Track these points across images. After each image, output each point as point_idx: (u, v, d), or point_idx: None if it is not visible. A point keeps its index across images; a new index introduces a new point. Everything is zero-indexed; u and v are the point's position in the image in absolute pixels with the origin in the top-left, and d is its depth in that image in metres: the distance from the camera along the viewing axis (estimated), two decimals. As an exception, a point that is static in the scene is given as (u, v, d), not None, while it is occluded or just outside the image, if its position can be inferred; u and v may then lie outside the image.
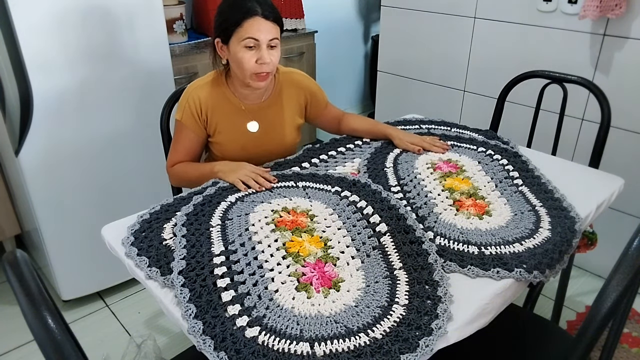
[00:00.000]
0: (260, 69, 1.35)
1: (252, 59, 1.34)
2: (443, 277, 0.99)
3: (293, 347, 0.84)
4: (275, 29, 1.36)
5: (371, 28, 3.92)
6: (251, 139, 1.50)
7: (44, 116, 1.76)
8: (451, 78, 2.52)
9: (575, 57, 2.04)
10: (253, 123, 1.50)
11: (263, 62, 1.34)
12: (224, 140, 1.49)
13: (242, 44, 1.34)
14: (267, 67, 1.36)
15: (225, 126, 1.48)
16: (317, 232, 1.13)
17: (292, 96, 1.55)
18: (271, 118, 1.52)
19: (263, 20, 1.32)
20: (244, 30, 1.32)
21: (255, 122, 1.50)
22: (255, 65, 1.35)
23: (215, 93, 1.46)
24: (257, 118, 1.50)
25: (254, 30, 1.32)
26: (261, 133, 1.51)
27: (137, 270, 1.06)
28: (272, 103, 1.51)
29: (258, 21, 1.32)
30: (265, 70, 1.36)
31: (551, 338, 1.26)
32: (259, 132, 1.50)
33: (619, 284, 0.76)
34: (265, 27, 1.33)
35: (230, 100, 1.47)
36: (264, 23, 1.33)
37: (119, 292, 2.18)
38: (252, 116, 1.49)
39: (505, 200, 1.29)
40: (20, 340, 1.91)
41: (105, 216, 1.36)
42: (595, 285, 2.19)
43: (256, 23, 1.32)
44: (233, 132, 1.48)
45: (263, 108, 1.50)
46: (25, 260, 0.72)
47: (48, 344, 0.64)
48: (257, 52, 1.34)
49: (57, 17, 1.70)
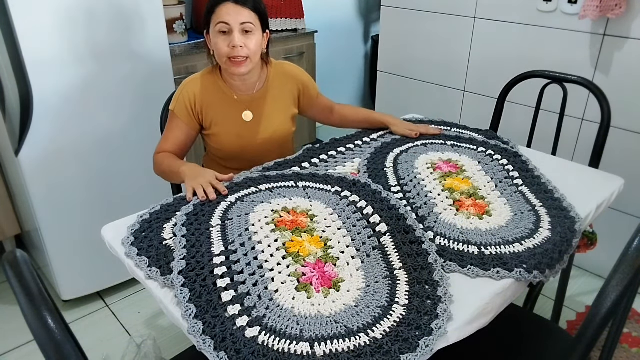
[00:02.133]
0: (232, 53, 1.38)
1: (225, 44, 1.38)
2: (443, 277, 0.99)
3: (293, 347, 0.84)
4: (249, 13, 1.39)
5: (371, 28, 3.92)
6: (246, 129, 1.53)
7: (44, 116, 1.76)
8: (451, 78, 2.52)
9: (575, 57, 2.04)
10: (247, 113, 1.52)
11: (234, 45, 1.37)
12: (220, 132, 1.52)
13: (216, 30, 1.39)
14: (241, 51, 1.38)
15: (221, 117, 1.50)
16: (317, 232, 1.13)
17: (285, 86, 1.58)
18: (265, 108, 1.55)
19: (233, 5, 1.37)
20: (216, 15, 1.38)
21: (249, 112, 1.52)
22: (227, 50, 1.38)
23: (210, 85, 1.50)
24: (251, 108, 1.53)
25: (224, 14, 1.37)
26: (255, 122, 1.54)
27: (137, 270, 1.06)
28: (265, 93, 1.54)
29: (227, 6, 1.37)
30: (239, 54, 1.38)
31: (551, 338, 1.26)
32: (253, 121, 1.53)
33: (619, 284, 0.76)
34: (235, 11, 1.37)
35: (224, 92, 1.50)
36: (234, 7, 1.37)
37: (119, 292, 2.18)
38: (246, 106, 1.52)
39: (505, 200, 1.29)
40: (20, 340, 1.91)
41: (105, 216, 1.36)
42: (595, 285, 2.19)
43: (225, 8, 1.37)
44: (228, 123, 1.51)
45: (256, 99, 1.53)
46: (25, 260, 0.72)
47: (48, 344, 0.64)
48: (230, 37, 1.38)
49: (57, 17, 1.70)
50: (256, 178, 1.37)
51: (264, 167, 1.46)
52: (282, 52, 2.86)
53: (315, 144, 1.60)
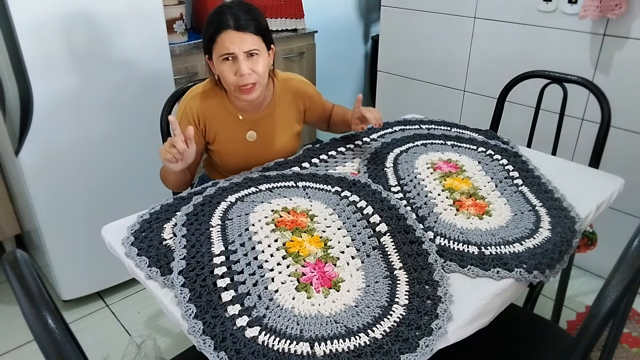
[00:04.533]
0: (241, 81, 1.32)
1: (231, 72, 1.32)
2: (443, 277, 0.99)
3: (293, 347, 0.84)
4: (253, 38, 1.31)
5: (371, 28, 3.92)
6: (250, 148, 1.50)
7: (44, 116, 1.76)
8: (451, 78, 2.52)
9: (575, 57, 2.04)
10: (251, 133, 1.49)
11: (241, 74, 1.31)
12: (223, 149, 1.49)
13: (220, 59, 1.32)
14: (249, 78, 1.32)
15: (224, 135, 1.47)
16: (317, 232, 1.13)
17: (291, 103, 1.54)
18: (270, 128, 1.51)
19: (235, 33, 1.29)
20: (218, 45, 1.31)
21: (254, 132, 1.49)
22: (235, 78, 1.32)
23: (214, 103, 1.45)
24: (256, 128, 1.49)
25: (227, 44, 1.30)
26: (260, 142, 1.50)
27: (137, 270, 1.06)
28: (270, 112, 1.50)
29: (229, 35, 1.30)
30: (247, 81, 1.32)
31: (551, 338, 1.26)
32: (257, 141, 1.50)
33: (619, 284, 0.76)
34: (238, 39, 1.30)
35: (229, 110, 1.46)
36: (236, 35, 1.30)
37: (119, 292, 2.18)
38: (250, 126, 1.49)
39: (505, 200, 1.29)
40: (20, 340, 1.91)
41: (105, 216, 1.36)
42: (595, 285, 2.19)
43: (227, 37, 1.30)
44: (232, 142, 1.48)
45: (261, 118, 1.49)
46: (25, 260, 0.72)
47: (48, 344, 0.64)
48: (235, 64, 1.32)
49: (57, 17, 1.70)
50: (256, 178, 1.37)
51: (264, 167, 1.46)
52: (282, 52, 2.86)
53: (315, 144, 1.60)
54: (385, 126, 1.74)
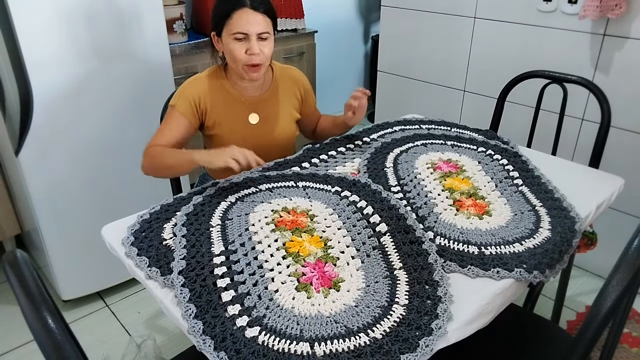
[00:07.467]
0: (250, 60, 1.38)
1: (242, 50, 1.37)
2: (443, 277, 0.99)
3: (293, 347, 0.84)
4: (266, 21, 1.38)
5: (371, 28, 3.93)
6: (252, 131, 1.52)
7: (44, 116, 1.76)
8: (451, 78, 2.52)
9: (575, 57, 2.04)
10: (253, 115, 1.52)
11: (252, 53, 1.37)
12: (225, 132, 1.50)
13: (232, 36, 1.37)
14: (258, 58, 1.38)
15: (226, 118, 1.49)
16: (317, 232, 1.13)
17: (289, 90, 1.59)
18: (270, 110, 1.54)
19: (252, 12, 1.35)
20: (233, 22, 1.36)
21: (255, 114, 1.52)
22: (245, 56, 1.38)
23: (215, 86, 1.48)
24: (257, 110, 1.52)
25: (243, 23, 1.35)
26: (261, 125, 1.53)
27: (137, 270, 1.06)
28: (270, 96, 1.54)
29: (247, 12, 1.34)
30: (256, 61, 1.38)
31: (551, 338, 1.26)
32: (258, 123, 1.53)
33: (619, 284, 0.75)
34: (254, 19, 1.35)
35: (230, 93, 1.49)
36: (253, 15, 1.35)
37: (119, 292, 2.18)
38: (252, 108, 1.52)
39: (505, 200, 1.29)
40: (20, 340, 1.91)
41: (105, 216, 1.36)
42: (595, 285, 2.19)
43: (245, 14, 1.34)
44: (234, 124, 1.50)
45: (262, 100, 1.53)
46: (25, 260, 0.72)
47: (48, 344, 0.64)
48: (247, 42, 1.37)
49: (57, 17, 1.70)
50: (256, 178, 1.37)
51: (264, 167, 1.46)
52: (282, 52, 2.86)
53: (315, 144, 1.60)
54: (385, 126, 1.74)
